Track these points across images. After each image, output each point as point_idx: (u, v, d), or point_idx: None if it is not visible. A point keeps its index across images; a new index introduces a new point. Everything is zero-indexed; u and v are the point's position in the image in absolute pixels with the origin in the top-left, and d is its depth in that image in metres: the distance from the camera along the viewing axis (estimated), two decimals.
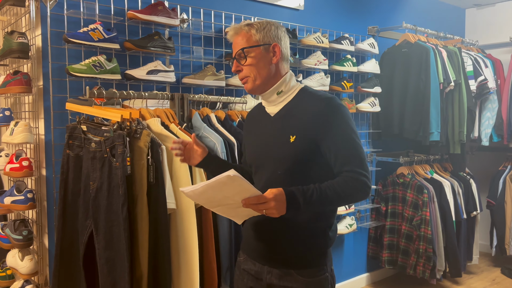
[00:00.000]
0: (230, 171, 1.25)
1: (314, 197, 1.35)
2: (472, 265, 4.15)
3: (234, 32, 1.52)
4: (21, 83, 2.15)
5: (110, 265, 1.83)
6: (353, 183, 1.40)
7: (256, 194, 1.30)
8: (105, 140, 1.85)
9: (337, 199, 1.39)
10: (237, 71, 1.54)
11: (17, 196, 2.18)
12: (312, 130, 1.44)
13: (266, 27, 1.52)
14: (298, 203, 1.34)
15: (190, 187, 1.34)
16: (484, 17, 4.68)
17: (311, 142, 1.44)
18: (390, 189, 3.76)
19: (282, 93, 1.53)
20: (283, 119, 1.52)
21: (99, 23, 2.28)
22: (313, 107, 1.46)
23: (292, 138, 1.46)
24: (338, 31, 3.49)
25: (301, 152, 1.45)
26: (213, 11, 2.82)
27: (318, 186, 1.38)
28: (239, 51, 1.50)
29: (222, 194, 1.32)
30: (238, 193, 1.31)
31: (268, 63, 1.51)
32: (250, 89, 1.53)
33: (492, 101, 4.01)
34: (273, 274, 1.52)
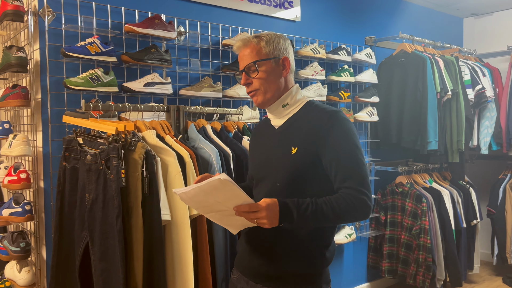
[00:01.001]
0: (221, 175, 1.24)
1: (308, 211, 1.33)
2: (473, 274, 4.13)
3: (243, 44, 1.50)
4: (19, 96, 2.18)
5: (105, 276, 1.84)
6: (351, 200, 1.35)
7: (248, 201, 1.29)
8: (100, 152, 1.88)
9: (333, 216, 1.35)
10: (247, 84, 1.52)
11: (15, 208, 2.21)
12: (314, 142, 1.42)
13: (275, 40, 1.51)
14: (291, 215, 1.32)
15: (182, 188, 1.34)
16: (482, 26, 4.70)
17: (312, 155, 1.42)
18: (389, 198, 3.76)
19: (287, 106, 1.53)
20: (286, 131, 1.51)
21: (96, 37, 2.32)
22: (316, 119, 1.45)
23: (294, 149, 1.44)
24: (335, 41, 3.52)
25: (301, 164, 1.43)
26: (210, 24, 2.85)
27: (314, 200, 1.35)
28: (251, 64, 1.48)
29: (213, 198, 1.31)
30: (229, 199, 1.30)
31: (278, 77, 1.51)
32: (260, 103, 1.52)
33: (490, 109, 4.02)
34: None
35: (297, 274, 1.47)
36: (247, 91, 1.54)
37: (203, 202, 1.36)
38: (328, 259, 1.50)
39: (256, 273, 1.52)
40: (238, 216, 1.32)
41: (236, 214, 1.31)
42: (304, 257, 1.47)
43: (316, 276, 1.48)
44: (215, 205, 1.35)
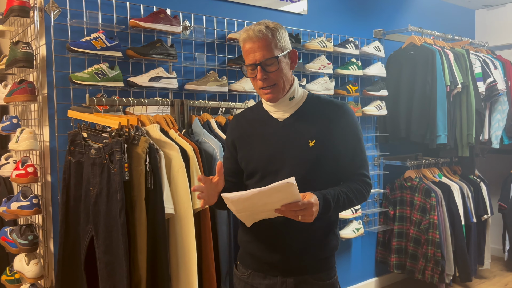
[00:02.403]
0: (291, 179, 1.24)
1: (340, 201, 1.42)
2: (484, 270, 4.08)
3: (255, 36, 1.43)
4: (26, 91, 2.21)
5: (109, 269, 1.87)
6: (365, 186, 1.51)
7: (297, 199, 1.30)
8: (104, 146, 1.89)
9: (354, 201, 1.48)
10: (263, 79, 1.45)
11: (23, 201, 2.24)
12: (333, 134, 1.49)
13: (282, 32, 1.48)
14: (329, 207, 1.39)
15: (237, 193, 1.29)
16: (495, 18, 4.61)
17: (330, 146, 1.48)
18: (398, 193, 3.73)
19: (294, 98, 1.53)
20: (297, 124, 1.51)
21: (102, 31, 2.33)
22: (330, 112, 1.51)
23: (311, 142, 1.47)
24: (343, 34, 3.49)
25: (321, 155, 1.47)
26: (215, 18, 2.85)
27: (341, 190, 1.44)
28: (270, 58, 1.43)
29: (267, 200, 1.29)
30: (282, 200, 1.29)
31: (289, 70, 1.51)
32: (275, 98, 1.49)
33: (502, 103, 3.95)
34: (287, 284, 1.51)
35: (317, 260, 1.53)
36: (261, 86, 1.47)
37: (251, 204, 1.32)
38: (339, 238, 1.60)
39: (276, 267, 1.52)
40: (280, 213, 1.32)
41: (277, 211, 1.31)
42: (322, 244, 1.53)
43: (332, 258, 1.57)
44: (260, 206, 1.33)
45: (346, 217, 3.41)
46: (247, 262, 1.58)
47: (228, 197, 1.29)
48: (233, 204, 1.32)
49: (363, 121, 3.69)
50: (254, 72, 1.46)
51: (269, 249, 1.52)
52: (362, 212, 3.60)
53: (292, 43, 3.05)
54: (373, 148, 3.79)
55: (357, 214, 3.47)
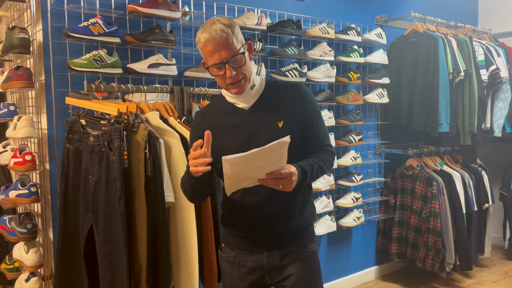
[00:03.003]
0: (286, 137, 1.32)
1: (315, 170, 1.54)
2: (484, 258, 4.08)
3: (218, 36, 1.46)
4: (23, 78, 2.17)
5: (109, 258, 1.85)
6: (331, 155, 1.66)
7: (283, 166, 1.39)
8: (102, 134, 1.86)
9: (325, 170, 1.61)
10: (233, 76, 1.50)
11: (21, 190, 2.21)
12: (298, 113, 1.59)
13: (237, 27, 1.54)
14: (306, 176, 1.49)
15: (237, 155, 1.31)
16: (498, 4, 4.55)
17: (298, 124, 1.58)
18: (399, 182, 3.71)
19: (254, 87, 1.60)
20: (263, 109, 1.59)
21: (99, 17, 2.28)
22: (292, 93, 1.61)
23: (280, 123, 1.56)
24: (345, 21, 3.44)
25: (291, 134, 1.47)
26: (215, 3, 2.80)
27: (313, 161, 1.55)
28: (239, 55, 1.49)
29: (261, 162, 1.35)
30: (273, 162, 1.36)
31: (249, 61, 1.57)
32: (242, 91, 1.55)
33: (505, 91, 3.91)
34: (274, 257, 1.60)
35: (300, 230, 1.63)
36: (230, 82, 1.52)
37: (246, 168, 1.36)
38: (315, 207, 1.73)
39: (261, 244, 1.60)
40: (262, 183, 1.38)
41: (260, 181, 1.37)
42: (303, 215, 1.63)
43: (312, 226, 1.70)
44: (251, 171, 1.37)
45: (347, 205, 3.39)
46: (232, 242, 1.66)
47: (228, 159, 1.31)
48: (231, 167, 1.34)
49: (364, 109, 3.65)
50: (221, 71, 1.50)
51: (252, 228, 1.60)
52: (363, 201, 3.59)
53: (293, 30, 3.00)
54: (374, 137, 3.76)
55: (357, 203, 3.46)
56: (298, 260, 1.61)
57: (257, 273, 1.61)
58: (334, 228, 3.33)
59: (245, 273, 1.62)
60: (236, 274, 1.63)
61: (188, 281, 1.97)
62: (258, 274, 1.61)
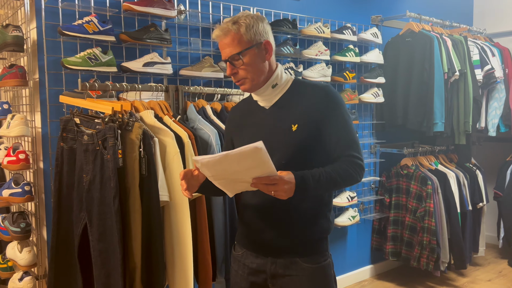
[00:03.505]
0: (259, 143, 1.23)
1: (321, 180, 1.40)
2: (479, 257, 4.10)
3: (222, 33, 1.46)
4: (16, 76, 2.16)
5: (103, 257, 1.84)
6: (353, 167, 1.46)
7: (271, 171, 1.30)
8: (97, 132, 1.85)
9: (340, 181, 1.45)
10: (233, 74, 1.49)
11: (15, 188, 2.20)
12: (314, 117, 1.48)
13: (254, 24, 1.47)
14: (306, 185, 1.37)
15: (207, 156, 1.29)
16: (493, 4, 4.57)
17: (313, 129, 1.48)
18: (394, 181, 3.72)
19: (276, 86, 1.54)
20: (281, 110, 1.53)
21: (94, 15, 2.27)
22: (313, 95, 1.51)
23: (294, 126, 1.48)
24: (340, 20, 3.44)
25: (304, 139, 1.47)
26: (211, 2, 2.79)
27: (323, 169, 1.42)
28: (235, 55, 1.45)
29: (238, 167, 1.29)
30: (253, 168, 1.29)
31: (262, 61, 1.50)
32: (248, 89, 1.52)
33: (499, 90, 3.93)
34: (277, 265, 1.53)
35: (307, 241, 1.53)
36: (234, 80, 1.52)
37: (222, 170, 1.32)
38: (332, 222, 1.59)
39: (267, 247, 1.55)
40: (254, 187, 1.33)
41: (252, 185, 1.32)
42: (312, 226, 1.53)
43: (323, 241, 1.57)
44: (233, 173, 1.33)
45: (342, 204, 3.39)
46: (242, 241, 1.63)
47: (197, 159, 1.30)
48: (203, 167, 1.32)
49: (360, 108, 3.66)
50: (228, 67, 1.50)
51: (259, 229, 1.56)
52: (358, 200, 3.59)
53: (289, 29, 3.00)
54: (369, 136, 3.76)
55: (353, 202, 3.46)
56: (303, 274, 1.52)
57: (260, 276, 1.57)
58: None
59: (248, 274, 1.58)
60: (240, 273, 1.61)
61: (182, 280, 1.96)
62: (261, 277, 1.57)
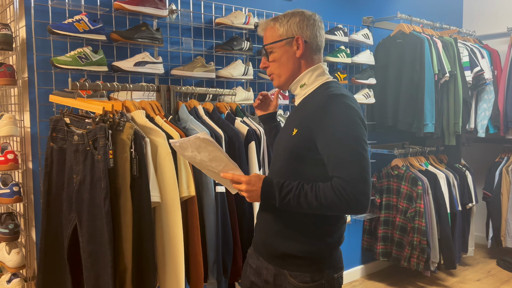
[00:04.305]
0: (202, 133, 1.26)
1: (291, 193, 1.31)
2: (468, 257, 4.14)
3: (262, 27, 1.52)
4: (5, 75, 2.12)
5: (93, 258, 1.82)
6: (341, 192, 1.27)
7: (232, 168, 1.35)
8: (87, 132, 1.83)
9: (317, 204, 1.30)
10: (264, 68, 1.54)
11: (3, 189, 2.17)
12: (309, 126, 1.37)
13: (290, 20, 1.46)
14: (273, 194, 1.33)
15: (176, 140, 1.40)
16: (482, 7, 4.62)
17: (307, 139, 1.38)
18: (385, 181, 3.74)
19: (305, 86, 1.48)
20: (296, 111, 1.51)
21: (85, 14, 2.25)
22: (317, 102, 1.39)
23: (294, 131, 1.42)
24: (332, 21, 3.45)
25: (297, 146, 1.40)
26: (202, 2, 2.78)
27: (301, 184, 1.33)
28: (263, 48, 1.50)
29: (200, 156, 1.35)
30: (213, 161, 1.33)
31: (292, 57, 1.47)
32: (277, 86, 1.55)
33: (488, 92, 3.97)
34: (268, 271, 1.49)
35: (295, 256, 1.43)
36: (267, 73, 1.55)
37: (192, 158, 1.40)
38: (330, 245, 1.44)
39: (262, 249, 1.54)
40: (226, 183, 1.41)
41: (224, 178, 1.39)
42: (302, 240, 1.43)
43: (316, 261, 1.43)
44: (203, 163, 1.40)
45: None
46: (253, 240, 1.63)
47: (172, 141, 1.42)
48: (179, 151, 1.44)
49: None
50: None
51: (258, 229, 1.57)
52: None
53: None
54: None
55: None
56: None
57: (259, 278, 1.54)
58: None
59: (250, 273, 1.58)
60: (247, 270, 1.62)
61: (174, 281, 1.95)
62: (260, 279, 1.53)
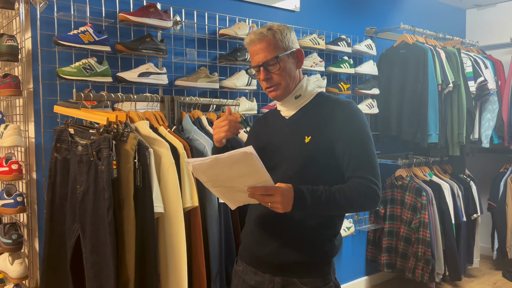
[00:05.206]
0: (248, 147, 1.20)
1: (322, 198, 1.35)
2: (473, 269, 4.10)
3: (257, 38, 1.49)
4: (11, 86, 2.14)
5: (96, 269, 1.81)
6: (364, 190, 1.39)
7: (266, 180, 1.27)
8: (91, 143, 1.84)
9: (345, 204, 1.38)
10: (266, 79, 1.50)
11: (7, 199, 2.17)
12: (328, 131, 1.45)
13: (286, 32, 1.51)
14: (305, 201, 1.33)
15: (198, 159, 1.28)
16: (485, 17, 4.63)
17: (325, 144, 1.45)
18: (389, 192, 3.72)
19: (300, 97, 1.55)
20: (298, 121, 1.54)
21: (90, 25, 2.27)
22: (330, 109, 1.49)
23: (307, 138, 1.47)
24: (335, 32, 3.46)
25: (314, 152, 1.45)
26: (206, 13, 2.80)
27: (327, 188, 1.37)
28: (271, 58, 1.47)
29: (229, 172, 1.26)
30: (246, 175, 1.25)
31: (294, 69, 1.53)
32: (280, 96, 1.53)
33: (492, 102, 3.97)
34: (275, 284, 1.49)
35: (306, 262, 1.48)
36: (266, 86, 1.52)
37: (215, 176, 1.30)
38: (336, 247, 1.53)
39: (265, 262, 1.52)
40: (251, 197, 1.31)
41: (249, 195, 1.30)
42: (313, 246, 1.48)
43: (324, 265, 1.50)
44: (227, 180, 1.31)
45: None
46: (243, 255, 1.60)
47: (189, 161, 1.29)
48: (195, 170, 1.31)
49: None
50: (259, 73, 1.52)
51: (259, 242, 1.53)
52: None
53: None
54: None
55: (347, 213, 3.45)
56: None
57: None
58: None
59: None
60: None
61: None
62: None
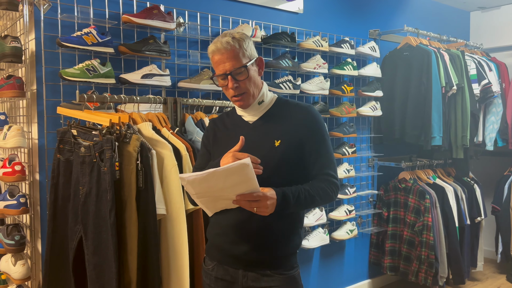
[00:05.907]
0: (246, 159, 1.27)
1: (301, 198, 1.48)
2: (477, 272, 4.07)
3: (223, 47, 1.51)
4: (14, 87, 2.15)
5: (98, 270, 1.81)
6: (330, 185, 1.56)
7: (255, 187, 1.34)
8: (94, 144, 1.84)
9: (319, 200, 1.53)
10: (234, 88, 1.53)
11: (10, 200, 2.17)
12: (299, 134, 1.57)
13: (248, 41, 1.56)
14: (288, 202, 1.44)
15: (193, 173, 1.32)
16: (489, 20, 4.61)
17: (295, 146, 1.56)
18: (392, 194, 3.71)
19: (263, 102, 1.62)
20: (265, 125, 1.60)
21: (93, 27, 2.27)
22: (297, 114, 1.60)
23: (277, 142, 1.55)
24: (339, 34, 3.46)
25: (286, 155, 1.55)
26: (210, 15, 2.80)
27: (303, 187, 1.50)
28: (239, 67, 1.51)
29: (224, 183, 1.32)
30: (238, 184, 1.32)
31: (257, 77, 1.60)
32: (247, 104, 1.58)
33: (496, 105, 3.95)
34: (249, 277, 1.57)
35: (279, 256, 1.58)
36: (233, 94, 1.55)
37: (207, 188, 1.36)
38: (302, 237, 1.67)
39: (239, 260, 1.57)
40: (236, 203, 1.38)
41: (234, 202, 1.38)
42: (285, 242, 1.58)
43: (294, 256, 1.62)
44: (217, 191, 1.36)
45: (340, 218, 3.37)
46: (213, 254, 1.64)
47: (184, 177, 1.33)
48: (190, 185, 1.35)
49: (357, 121, 3.66)
50: (225, 82, 1.55)
51: (233, 242, 1.58)
52: (356, 214, 3.57)
53: (288, 42, 3.01)
54: (367, 149, 3.76)
55: (350, 216, 3.44)
56: (274, 285, 1.56)
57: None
58: (327, 241, 3.31)
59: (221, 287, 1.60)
60: (213, 287, 1.62)
61: None
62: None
